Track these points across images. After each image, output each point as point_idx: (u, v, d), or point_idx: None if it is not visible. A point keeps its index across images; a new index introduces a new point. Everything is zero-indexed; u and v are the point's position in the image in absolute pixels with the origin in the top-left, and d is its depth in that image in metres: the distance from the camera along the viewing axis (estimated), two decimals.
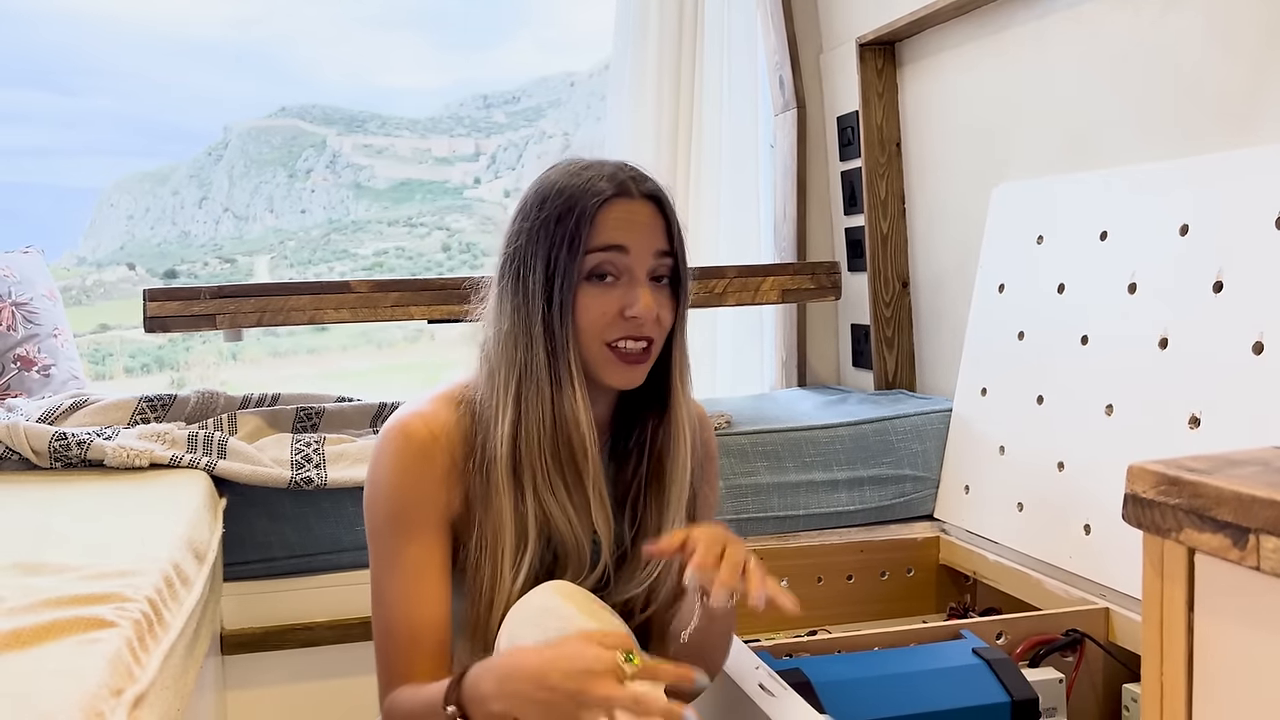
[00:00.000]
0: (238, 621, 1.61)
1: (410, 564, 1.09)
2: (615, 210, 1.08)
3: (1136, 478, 0.79)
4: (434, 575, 1.10)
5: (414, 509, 1.10)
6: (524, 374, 1.09)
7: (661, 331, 1.11)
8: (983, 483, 1.84)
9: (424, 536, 1.10)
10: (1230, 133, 1.46)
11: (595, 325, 1.08)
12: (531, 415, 1.09)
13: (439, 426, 1.11)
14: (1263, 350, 1.31)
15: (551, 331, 1.08)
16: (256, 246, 8.18)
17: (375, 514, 1.12)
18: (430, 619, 1.09)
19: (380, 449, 1.12)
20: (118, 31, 7.07)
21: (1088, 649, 1.48)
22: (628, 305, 1.08)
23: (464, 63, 9.53)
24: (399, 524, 1.10)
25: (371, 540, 1.13)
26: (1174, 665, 0.79)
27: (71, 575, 1.00)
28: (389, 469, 1.11)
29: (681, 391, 1.16)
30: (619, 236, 1.08)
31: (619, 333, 1.08)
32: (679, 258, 1.12)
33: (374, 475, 1.13)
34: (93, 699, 0.76)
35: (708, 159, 2.43)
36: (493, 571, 1.09)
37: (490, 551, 1.10)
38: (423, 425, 1.11)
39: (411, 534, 1.10)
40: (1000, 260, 1.88)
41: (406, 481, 1.10)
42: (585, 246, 1.07)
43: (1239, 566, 0.71)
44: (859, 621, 1.82)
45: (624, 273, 1.09)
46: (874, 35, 2.18)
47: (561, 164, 1.13)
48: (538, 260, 1.08)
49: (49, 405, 1.74)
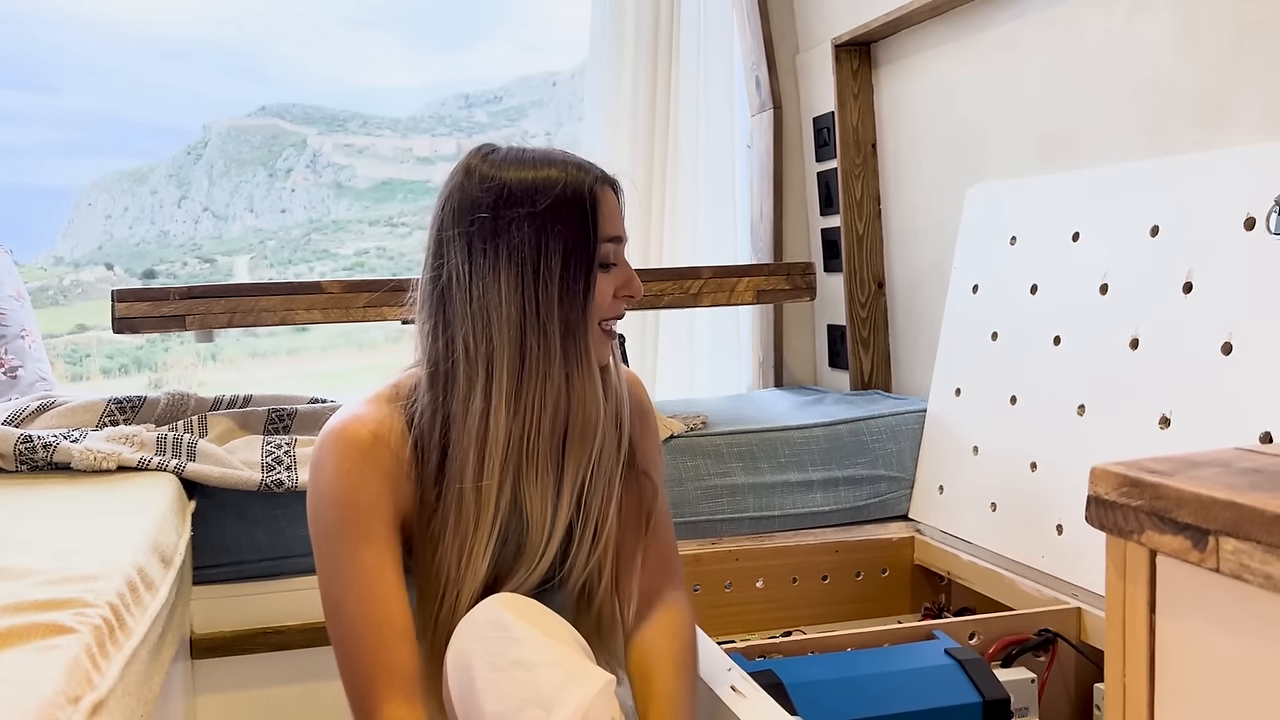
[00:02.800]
0: (208, 625, 1.59)
1: (367, 569, 1.07)
2: (609, 202, 1.14)
3: (1099, 479, 0.79)
4: (392, 578, 1.08)
5: (364, 513, 1.07)
6: (532, 360, 1.08)
7: None
8: (957, 483, 1.84)
9: (377, 540, 1.07)
10: (1200, 134, 1.47)
11: (601, 308, 1.13)
12: (539, 401, 1.09)
13: (380, 426, 1.09)
14: (1231, 351, 1.31)
15: (567, 317, 1.10)
16: (236, 246, 8.15)
17: (323, 522, 1.09)
18: (395, 622, 1.07)
19: (321, 456, 1.09)
20: (96, 31, 7.02)
21: (1060, 649, 1.48)
22: (622, 286, 1.15)
23: (445, 62, 9.51)
24: (350, 529, 1.07)
25: (320, 551, 1.09)
26: (1136, 666, 0.79)
27: (32, 580, 0.99)
28: (333, 474, 1.08)
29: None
30: (618, 227, 1.15)
31: (613, 312, 1.15)
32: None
33: (317, 483, 1.09)
34: (48, 706, 0.75)
35: (684, 159, 2.43)
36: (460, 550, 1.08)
37: (459, 542, 1.08)
38: (362, 427, 1.09)
39: (364, 538, 1.07)
40: (974, 261, 1.88)
41: (352, 485, 1.07)
42: (600, 235, 1.11)
43: (1199, 568, 0.71)
44: (834, 621, 1.82)
45: (618, 258, 1.16)
46: (850, 36, 2.18)
47: (512, 154, 1.12)
48: (550, 249, 1.08)
49: (15, 407, 1.72)
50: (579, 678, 0.98)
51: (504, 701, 0.96)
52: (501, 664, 0.98)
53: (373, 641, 1.06)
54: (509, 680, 0.97)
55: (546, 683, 0.96)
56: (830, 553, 1.86)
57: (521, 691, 0.96)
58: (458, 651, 1.02)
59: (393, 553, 1.09)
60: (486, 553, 1.09)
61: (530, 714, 0.95)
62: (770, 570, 1.83)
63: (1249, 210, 1.32)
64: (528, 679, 0.97)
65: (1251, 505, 0.67)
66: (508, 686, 0.97)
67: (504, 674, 0.97)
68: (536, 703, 0.95)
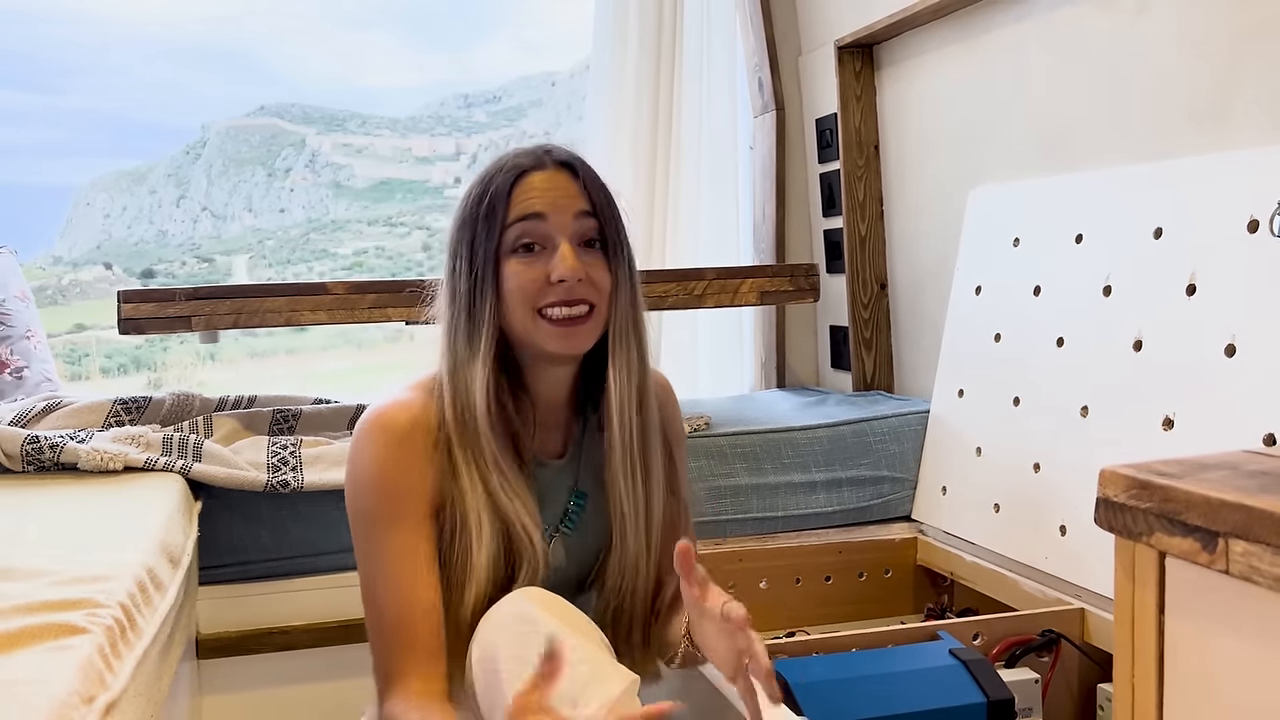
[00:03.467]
0: (213, 626, 1.60)
1: (398, 553, 1.10)
2: (530, 181, 1.12)
3: (1108, 482, 0.80)
4: (423, 562, 1.10)
5: (400, 497, 1.11)
6: (455, 355, 1.12)
7: (600, 294, 1.12)
8: (960, 484, 1.85)
9: (410, 524, 1.10)
10: (1203, 136, 1.47)
11: (524, 295, 1.10)
12: (460, 393, 1.11)
13: (416, 412, 1.12)
14: (1235, 353, 1.32)
15: (473, 309, 1.11)
16: (235, 246, 8.14)
17: (360, 507, 1.12)
18: (423, 606, 1.09)
19: (359, 442, 1.13)
20: (95, 30, 7.02)
21: (1063, 649, 1.49)
22: (552, 269, 1.09)
23: (444, 62, 9.52)
24: (385, 514, 1.10)
25: (357, 535, 1.13)
26: (1145, 667, 0.80)
27: (43, 581, 0.99)
28: (371, 460, 1.11)
29: (620, 357, 1.15)
30: (535, 205, 1.10)
31: (550, 299, 1.10)
32: (603, 219, 1.13)
33: (355, 468, 1.13)
34: (63, 707, 0.75)
35: (687, 160, 2.43)
36: (463, 552, 1.11)
37: (461, 530, 1.11)
38: (401, 412, 1.12)
39: (398, 523, 1.10)
40: (977, 262, 1.89)
41: (391, 471, 1.10)
42: (503, 221, 1.10)
43: (1208, 570, 0.72)
44: (837, 622, 1.83)
45: (547, 241, 1.11)
46: (852, 38, 2.18)
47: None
48: (463, 244, 1.13)
49: (22, 408, 1.72)
50: (604, 675, 0.98)
51: None
52: (528, 658, 0.98)
53: (397, 618, 1.09)
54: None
55: (571, 679, 0.97)
56: (833, 553, 1.86)
57: None
58: (484, 644, 1.03)
59: (425, 535, 1.11)
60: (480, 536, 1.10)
61: None
62: (773, 571, 1.83)
63: (1252, 212, 1.32)
64: None
65: (1261, 508, 0.68)
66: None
67: (529, 668, 0.98)
68: (561, 698, 0.96)
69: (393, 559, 1.10)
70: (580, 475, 1.21)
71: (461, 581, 1.11)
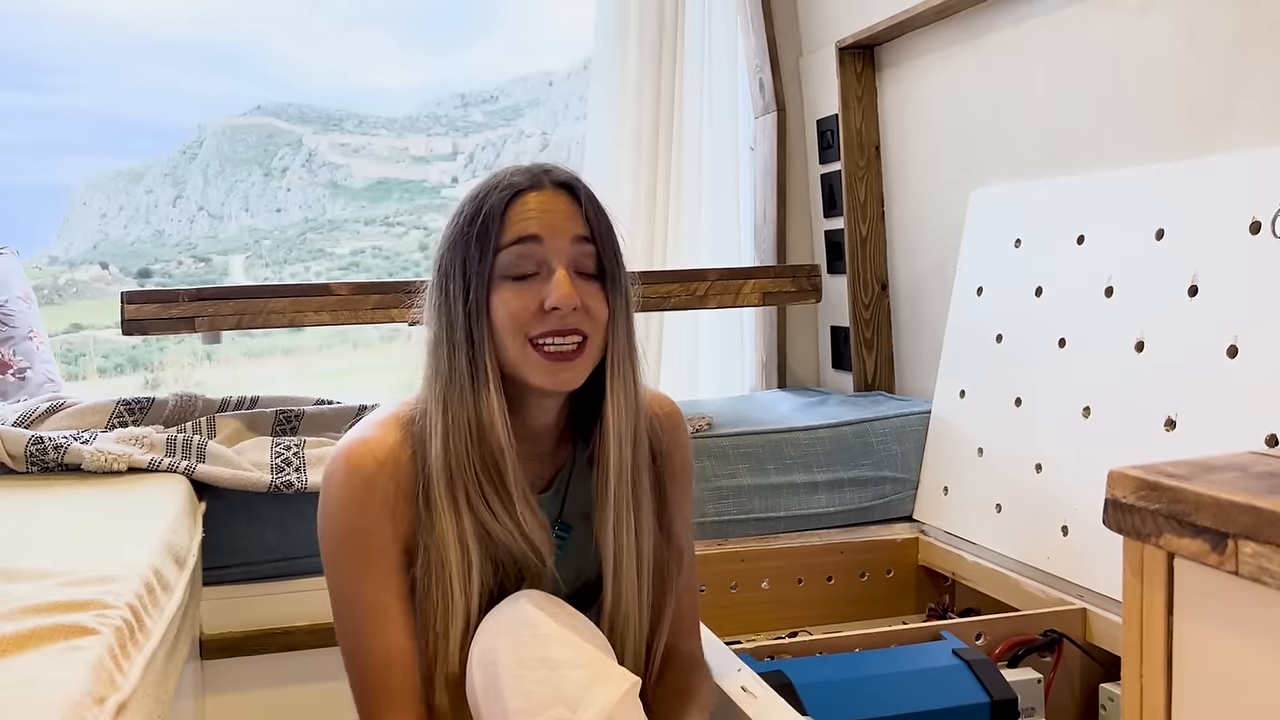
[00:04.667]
0: (217, 626, 1.60)
1: (368, 598, 1.07)
2: (525, 202, 1.05)
3: (1117, 483, 0.80)
4: (394, 607, 1.07)
5: (365, 543, 1.06)
6: (449, 382, 1.06)
7: (594, 325, 1.06)
8: (961, 484, 1.85)
9: (379, 569, 1.07)
10: (1205, 138, 1.48)
11: (516, 322, 1.03)
12: (458, 424, 1.05)
13: (385, 453, 1.07)
14: (1237, 354, 1.33)
15: (470, 335, 1.05)
16: (231, 245, 8.14)
17: (328, 547, 1.09)
18: (395, 651, 1.06)
19: (327, 480, 1.09)
20: (90, 29, 7.01)
21: (1065, 649, 1.49)
22: (546, 296, 1.03)
23: (441, 62, 9.50)
24: (351, 558, 1.07)
25: (327, 571, 1.09)
26: (1153, 668, 0.80)
27: (51, 582, 0.99)
28: (336, 502, 1.07)
29: (618, 392, 1.09)
30: (530, 227, 1.04)
31: (542, 328, 1.04)
32: (602, 246, 1.07)
33: (323, 507, 1.09)
34: (76, 707, 0.75)
35: (688, 161, 2.44)
36: (443, 596, 1.05)
37: (438, 576, 1.06)
38: (368, 453, 1.06)
39: (366, 568, 1.06)
40: (979, 263, 1.89)
41: (353, 515, 1.06)
42: (497, 244, 1.04)
43: (1218, 571, 0.72)
44: (839, 622, 1.83)
45: (541, 266, 1.04)
46: (853, 39, 2.19)
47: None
48: (455, 265, 1.06)
49: (25, 409, 1.72)
50: (605, 678, 0.98)
51: (529, 699, 0.96)
52: (528, 661, 0.98)
53: (371, 667, 1.07)
54: (535, 678, 0.97)
55: (572, 682, 0.97)
56: (835, 554, 1.87)
57: (547, 690, 0.96)
58: (484, 647, 1.02)
59: (396, 581, 1.07)
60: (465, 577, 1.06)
61: (555, 713, 0.95)
62: (775, 571, 1.84)
63: (1254, 214, 1.33)
64: (553, 678, 0.97)
65: (1271, 509, 0.68)
66: (533, 684, 0.97)
67: (530, 672, 0.98)
68: (562, 702, 0.96)
69: (363, 605, 1.06)
70: (565, 508, 1.17)
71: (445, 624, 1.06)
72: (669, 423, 1.21)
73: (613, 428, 1.08)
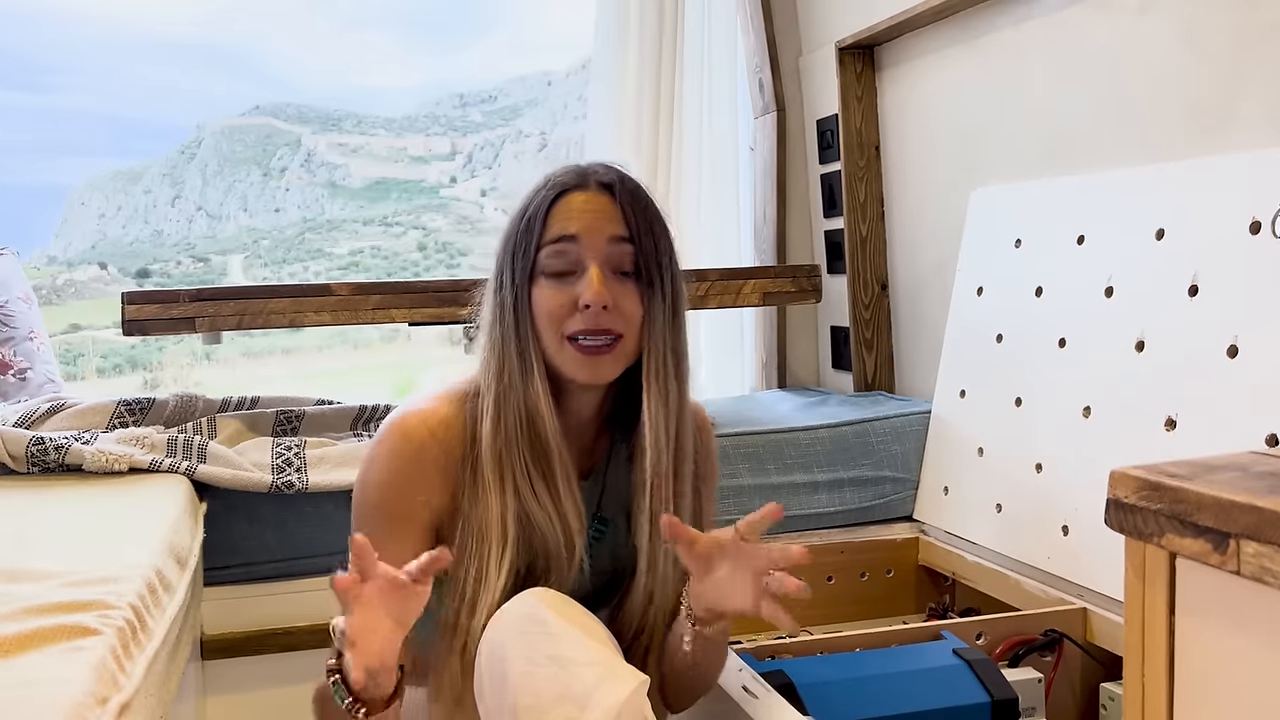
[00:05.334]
0: (218, 626, 1.60)
1: (389, 552, 1.07)
2: (569, 201, 1.10)
3: (1118, 483, 0.81)
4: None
5: (402, 508, 1.11)
6: (500, 371, 1.11)
7: (627, 323, 1.09)
8: (962, 484, 1.85)
9: (406, 536, 1.10)
10: (1205, 138, 1.48)
11: (552, 318, 1.08)
12: (508, 410, 1.10)
13: (437, 424, 1.12)
14: (1237, 354, 1.33)
15: (517, 328, 1.10)
16: (230, 245, 8.13)
17: (363, 505, 1.13)
18: None
19: (378, 443, 1.13)
20: (89, 29, 7.01)
21: (1066, 649, 1.49)
22: (579, 294, 1.07)
23: (440, 62, 9.51)
24: (383, 520, 1.10)
25: (356, 517, 1.13)
26: (1155, 668, 0.80)
27: (53, 583, 0.99)
28: (382, 465, 1.11)
29: (656, 390, 1.12)
30: (569, 226, 1.09)
31: (578, 326, 1.08)
32: (640, 245, 1.10)
33: (367, 468, 1.13)
34: (79, 708, 0.75)
35: (688, 161, 2.44)
36: (479, 570, 1.09)
37: (476, 549, 1.10)
38: (421, 424, 1.12)
39: (394, 531, 1.10)
40: (979, 263, 1.90)
41: (397, 481, 1.11)
42: (539, 241, 1.10)
43: (1220, 571, 0.72)
44: (839, 622, 1.83)
45: (578, 264, 1.09)
46: (853, 39, 2.19)
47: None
48: (506, 260, 1.12)
49: (26, 409, 1.72)
50: (614, 677, 0.98)
51: (538, 696, 0.97)
52: (537, 659, 0.98)
53: None
54: (543, 675, 0.98)
55: (581, 680, 0.97)
56: (835, 554, 1.87)
57: (556, 688, 0.97)
58: (493, 643, 1.03)
59: (418, 544, 1.10)
60: (502, 555, 1.09)
61: (564, 710, 0.95)
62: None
63: (1254, 214, 1.33)
64: (562, 675, 0.97)
65: (1272, 509, 0.69)
66: (542, 682, 0.97)
67: (539, 669, 0.98)
68: (570, 700, 0.96)
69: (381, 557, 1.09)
70: (604, 501, 1.20)
71: (474, 597, 1.09)
72: (699, 429, 1.24)
73: (649, 425, 1.12)
